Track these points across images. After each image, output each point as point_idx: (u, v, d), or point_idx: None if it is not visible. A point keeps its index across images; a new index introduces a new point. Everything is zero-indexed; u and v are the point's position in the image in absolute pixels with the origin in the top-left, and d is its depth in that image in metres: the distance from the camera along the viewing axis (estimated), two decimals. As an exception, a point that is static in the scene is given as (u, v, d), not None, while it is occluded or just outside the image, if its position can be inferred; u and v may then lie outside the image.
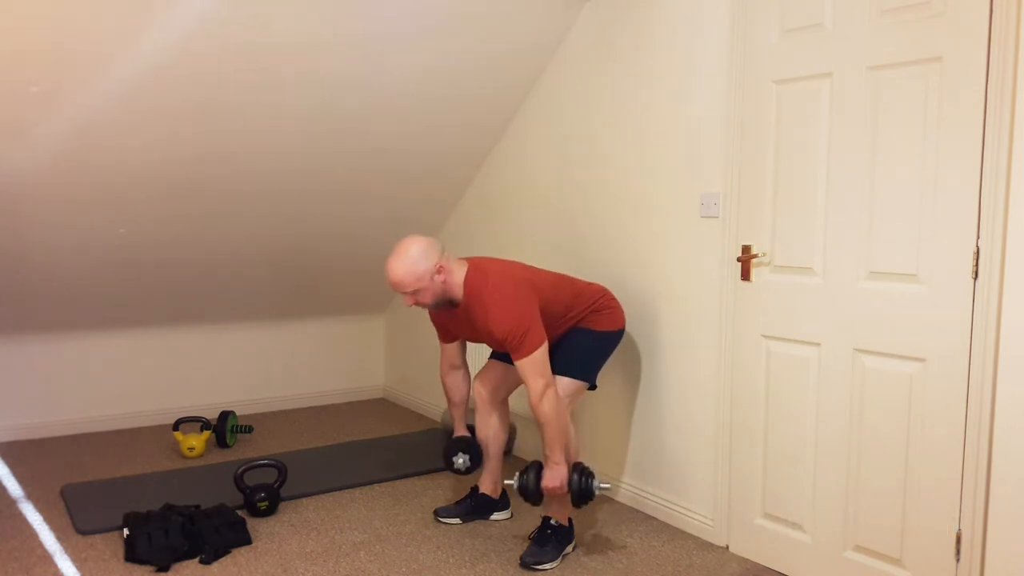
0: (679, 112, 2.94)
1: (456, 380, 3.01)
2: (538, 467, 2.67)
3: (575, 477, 2.63)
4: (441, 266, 2.60)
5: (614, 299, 2.93)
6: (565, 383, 2.75)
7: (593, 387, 2.89)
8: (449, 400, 3.04)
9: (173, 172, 3.32)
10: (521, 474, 2.67)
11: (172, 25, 2.71)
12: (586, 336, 2.82)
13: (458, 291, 2.66)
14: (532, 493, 2.65)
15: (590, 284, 2.93)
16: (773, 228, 2.65)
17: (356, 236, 4.17)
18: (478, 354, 3.67)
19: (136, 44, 2.73)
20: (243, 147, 3.33)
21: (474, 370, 3.11)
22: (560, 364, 2.75)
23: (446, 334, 2.94)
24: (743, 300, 2.75)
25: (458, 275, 2.65)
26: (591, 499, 2.65)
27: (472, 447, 2.98)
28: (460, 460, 2.96)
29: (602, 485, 2.66)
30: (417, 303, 2.64)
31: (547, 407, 2.57)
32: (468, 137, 3.80)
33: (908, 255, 2.28)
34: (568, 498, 2.69)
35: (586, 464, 2.78)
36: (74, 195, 3.26)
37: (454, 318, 2.78)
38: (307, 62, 3.05)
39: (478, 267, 2.67)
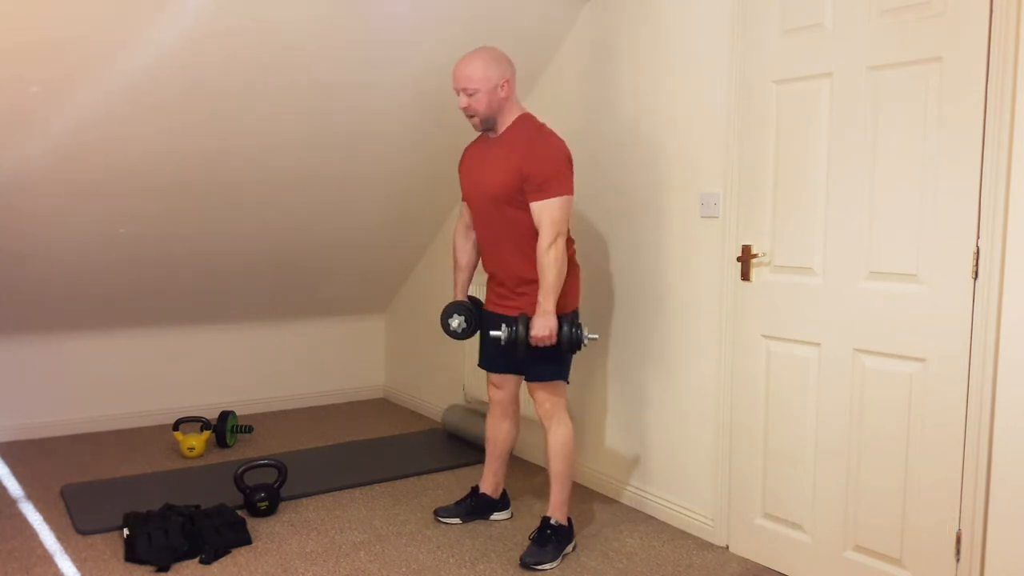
0: (679, 112, 2.94)
1: (468, 242, 2.95)
2: (526, 318, 2.63)
3: (564, 328, 2.60)
4: (508, 82, 2.62)
5: (577, 276, 2.81)
6: (545, 393, 2.73)
7: (566, 381, 2.81)
8: (456, 262, 2.98)
9: (173, 171, 3.32)
10: (510, 325, 2.64)
11: (172, 23, 2.71)
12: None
13: (508, 119, 2.66)
14: (521, 343, 2.61)
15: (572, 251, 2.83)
16: (773, 228, 2.65)
17: (356, 236, 4.17)
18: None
19: (136, 42, 2.73)
20: (243, 146, 3.33)
21: (481, 378, 3.10)
22: (531, 373, 2.73)
23: (471, 187, 2.83)
24: (743, 300, 2.75)
25: (515, 108, 2.68)
26: (579, 348, 2.63)
27: (469, 311, 2.90)
28: (455, 322, 2.89)
29: (590, 335, 2.64)
30: (470, 107, 2.61)
31: (554, 254, 2.56)
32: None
33: (908, 255, 2.28)
34: (556, 350, 2.64)
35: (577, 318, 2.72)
36: (74, 195, 3.26)
37: (478, 154, 2.75)
38: (308, 61, 3.05)
39: (533, 117, 2.71)
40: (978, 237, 2.13)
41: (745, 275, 2.73)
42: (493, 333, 2.70)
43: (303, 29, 2.92)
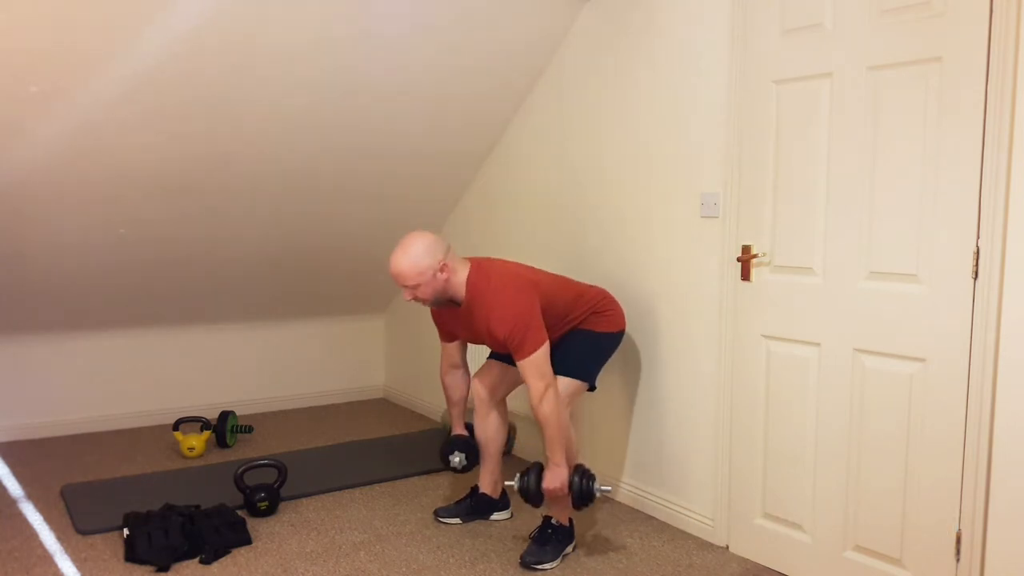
0: (679, 112, 2.94)
1: (455, 379, 3.02)
2: (539, 469, 2.67)
3: (575, 479, 2.63)
4: (444, 264, 2.60)
5: (615, 302, 2.94)
6: (564, 383, 2.75)
7: (592, 388, 2.89)
8: (448, 399, 3.05)
9: (173, 172, 3.32)
10: (522, 475, 2.67)
11: (172, 25, 2.71)
12: (586, 337, 2.83)
13: (460, 291, 2.66)
14: (533, 495, 2.65)
15: (591, 287, 2.93)
16: (773, 228, 2.65)
17: (356, 236, 4.17)
18: (478, 354, 3.66)
19: (136, 43, 2.73)
20: (243, 147, 3.33)
21: (473, 369, 3.11)
22: (559, 364, 2.75)
23: (447, 333, 2.94)
24: (743, 300, 2.75)
25: (461, 274, 2.65)
26: (591, 501, 2.65)
27: (469, 446, 2.99)
28: (457, 459, 2.96)
29: (602, 487, 2.66)
30: (416, 298, 2.63)
31: (547, 408, 2.57)
32: (468, 137, 3.81)
33: (908, 255, 2.28)
34: (569, 499, 2.69)
35: (587, 466, 2.78)
36: (74, 195, 3.26)
37: (455, 317, 2.78)
38: (307, 61, 3.05)
39: (480, 267, 2.68)
40: (978, 237, 2.13)
41: (745, 275, 2.73)
42: (507, 483, 2.80)
43: (302, 34, 2.92)
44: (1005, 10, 2.04)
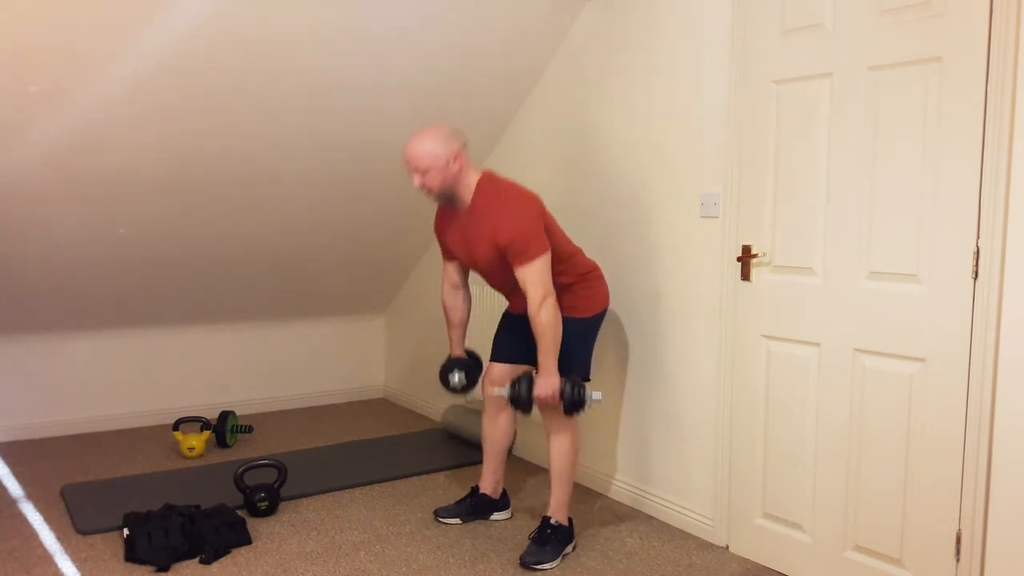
0: (679, 112, 2.94)
1: (456, 299, 2.98)
2: (529, 377, 2.65)
3: (567, 387, 2.61)
4: (459, 155, 2.61)
5: (603, 278, 2.90)
6: None
7: (586, 378, 2.85)
8: (448, 320, 3.01)
9: (173, 171, 3.32)
10: (513, 384, 2.66)
11: (171, 24, 2.71)
12: (571, 329, 2.74)
13: (467, 191, 2.66)
14: (524, 402, 2.63)
15: (586, 256, 2.90)
16: (773, 228, 2.65)
17: (357, 235, 4.17)
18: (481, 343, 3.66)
19: (136, 43, 2.73)
20: (243, 146, 3.33)
21: (477, 351, 3.09)
22: None
23: (448, 250, 2.90)
24: (743, 300, 2.75)
25: (472, 176, 2.66)
26: (583, 409, 2.63)
27: (468, 366, 2.95)
28: (456, 377, 2.93)
29: (594, 395, 2.64)
30: (424, 185, 2.62)
31: (545, 316, 2.56)
32: (468, 136, 3.80)
33: (908, 255, 2.28)
34: (560, 407, 2.66)
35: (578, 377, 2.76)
36: (74, 195, 3.26)
37: (455, 227, 2.75)
38: (306, 59, 3.05)
39: (493, 175, 2.69)
40: (978, 237, 2.13)
41: (745, 275, 2.73)
42: (497, 391, 2.77)
43: (302, 33, 2.92)
44: (1005, 10, 2.04)
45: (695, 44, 2.87)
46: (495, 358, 2.98)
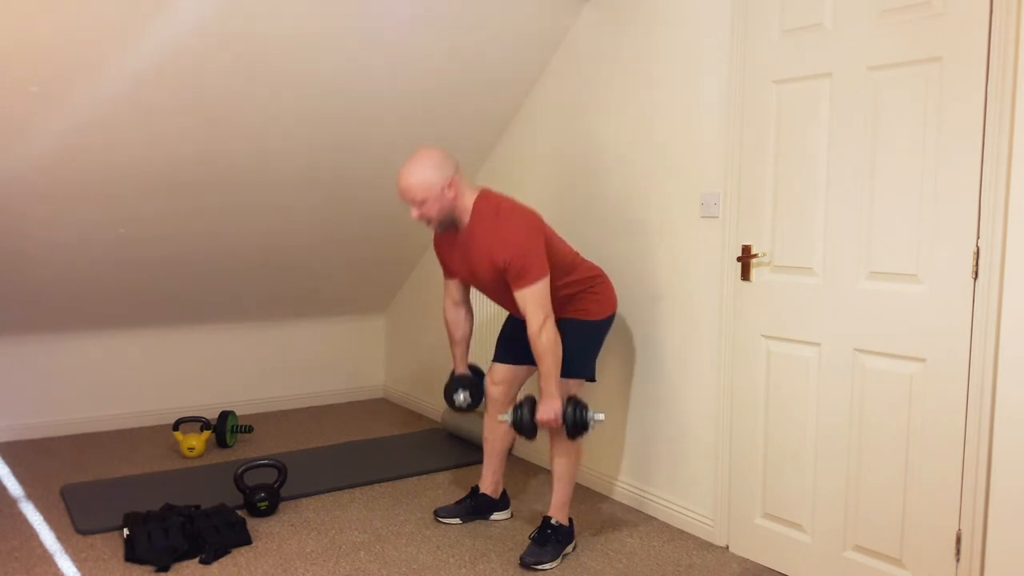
0: (679, 112, 2.94)
1: (458, 317, 2.97)
2: (532, 401, 2.65)
3: (569, 409, 2.61)
4: (453, 181, 2.58)
5: (610, 284, 2.90)
6: (565, 384, 2.74)
7: (592, 379, 2.88)
8: (451, 338, 3.00)
9: (173, 171, 3.32)
10: (516, 408, 2.65)
11: (171, 24, 2.71)
12: (577, 329, 2.79)
13: (465, 214, 2.64)
14: (527, 427, 2.63)
15: (591, 263, 2.90)
16: (773, 228, 2.65)
17: (356, 235, 4.17)
18: (479, 357, 3.67)
19: (135, 43, 2.74)
20: (243, 146, 3.33)
21: (478, 360, 3.10)
22: None
23: (449, 269, 2.90)
24: (743, 300, 2.75)
25: (468, 197, 2.63)
26: (586, 431, 2.62)
27: (473, 384, 2.96)
28: (461, 396, 2.93)
29: (597, 416, 2.63)
30: (422, 216, 2.60)
31: (545, 339, 2.55)
32: (468, 137, 3.81)
33: (908, 255, 2.28)
34: (563, 431, 2.66)
35: (580, 397, 2.76)
36: (74, 194, 3.26)
37: (455, 247, 2.75)
38: (306, 58, 3.05)
39: (489, 194, 2.66)
40: (978, 237, 2.13)
41: (745, 275, 2.73)
42: (500, 417, 2.77)
43: (303, 32, 2.92)
44: (1005, 10, 2.04)
45: (695, 44, 2.87)
46: (498, 358, 2.98)
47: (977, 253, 2.14)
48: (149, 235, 3.62)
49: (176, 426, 3.81)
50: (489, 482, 3.07)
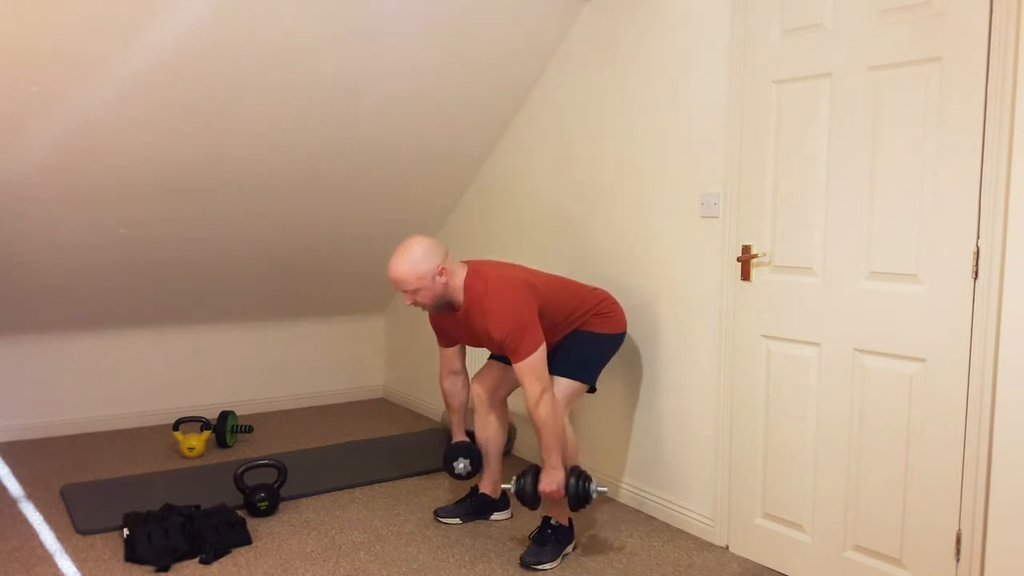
0: (679, 112, 2.94)
1: (455, 386, 3.01)
2: (535, 471, 2.67)
3: (572, 481, 2.63)
4: (443, 268, 2.61)
5: (617, 304, 2.93)
6: (564, 384, 2.74)
7: (592, 390, 2.89)
8: (448, 406, 3.05)
9: (173, 172, 3.32)
10: (518, 478, 2.68)
11: (171, 25, 2.71)
12: (586, 338, 2.83)
13: (459, 295, 2.66)
14: (529, 497, 2.65)
15: (594, 289, 2.93)
16: (773, 228, 2.65)
17: (356, 236, 4.17)
18: (478, 357, 3.67)
19: (135, 44, 2.74)
20: (243, 147, 3.33)
21: (473, 371, 3.11)
22: (559, 364, 2.75)
23: (446, 338, 2.94)
24: (743, 300, 2.75)
25: (459, 278, 2.66)
26: (588, 503, 2.65)
27: (472, 452, 2.99)
28: (461, 465, 2.96)
29: (599, 488, 2.66)
30: (416, 303, 2.64)
31: (544, 411, 2.57)
32: (467, 137, 3.80)
33: (908, 255, 2.28)
34: (565, 501, 2.69)
35: (583, 467, 2.79)
36: (74, 195, 3.26)
37: (454, 322, 2.78)
38: (306, 62, 3.05)
39: (478, 270, 2.68)
40: (978, 237, 2.13)
41: (745, 275, 2.73)
42: (504, 486, 2.79)
43: (302, 34, 2.92)
44: (1005, 10, 2.04)
45: (695, 44, 2.87)
46: (493, 355, 2.99)
47: (977, 253, 2.14)
48: (149, 235, 3.62)
49: (176, 426, 3.81)
50: (488, 482, 3.07)
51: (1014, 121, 2.04)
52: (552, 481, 2.61)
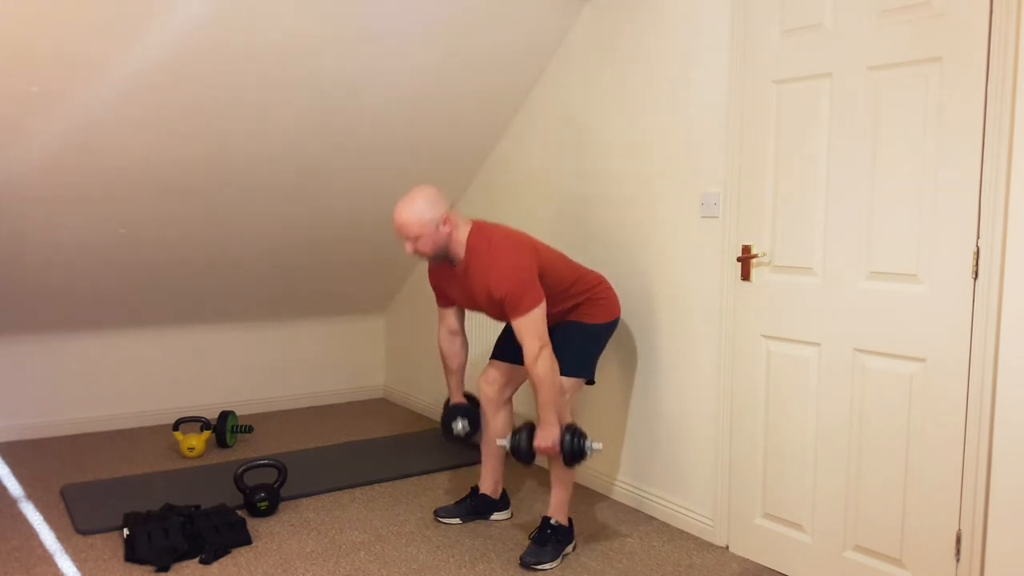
0: (679, 112, 2.94)
1: (454, 346, 2.99)
2: (530, 428, 2.66)
3: (567, 437, 2.62)
4: (447, 218, 2.62)
5: (611, 289, 2.93)
6: (564, 382, 2.74)
7: (591, 382, 2.88)
8: (446, 367, 3.02)
9: (173, 172, 3.32)
10: (514, 434, 2.68)
11: (171, 25, 2.71)
12: (580, 330, 2.82)
13: (460, 248, 2.66)
14: (524, 453, 2.65)
15: (590, 270, 2.92)
16: (773, 228, 2.65)
17: (356, 236, 4.17)
18: (477, 359, 3.67)
19: (135, 44, 2.73)
20: (243, 146, 3.33)
21: (473, 371, 3.10)
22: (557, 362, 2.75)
23: (444, 298, 2.92)
24: (743, 300, 2.75)
25: (462, 232, 2.66)
26: (583, 459, 2.64)
27: (470, 412, 2.97)
28: (460, 425, 2.95)
29: (595, 445, 2.64)
30: (417, 251, 2.63)
31: (542, 368, 2.57)
32: (468, 137, 3.80)
33: (908, 255, 2.28)
34: (560, 458, 2.67)
35: (578, 424, 2.77)
36: (74, 195, 3.26)
37: (453, 279, 2.77)
38: (306, 61, 3.05)
39: (481, 227, 2.69)
40: (978, 237, 2.13)
41: (745, 275, 2.73)
42: (499, 441, 2.79)
43: (303, 33, 2.92)
44: (1005, 10, 2.04)
45: (695, 44, 2.87)
46: (496, 356, 2.98)
47: (977, 253, 2.14)
48: (149, 236, 3.62)
49: (176, 426, 3.81)
50: (489, 482, 3.07)
51: (1014, 121, 2.04)
52: (547, 437, 2.61)
